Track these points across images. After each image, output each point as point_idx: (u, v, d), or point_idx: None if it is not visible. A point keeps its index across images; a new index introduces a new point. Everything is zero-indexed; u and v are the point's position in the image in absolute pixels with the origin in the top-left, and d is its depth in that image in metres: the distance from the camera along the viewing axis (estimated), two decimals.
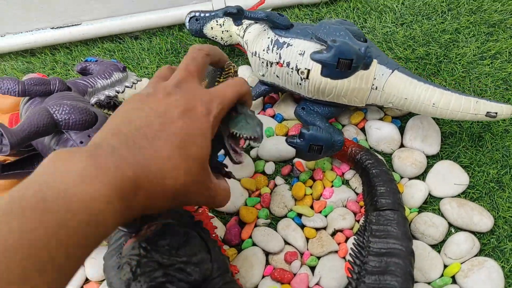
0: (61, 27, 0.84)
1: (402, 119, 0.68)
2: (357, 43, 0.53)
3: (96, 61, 0.66)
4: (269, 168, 0.65)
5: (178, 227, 0.46)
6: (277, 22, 0.63)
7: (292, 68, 0.62)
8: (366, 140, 0.67)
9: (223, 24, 0.75)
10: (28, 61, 0.85)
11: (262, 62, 0.65)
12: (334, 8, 0.86)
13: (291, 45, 0.62)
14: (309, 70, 0.60)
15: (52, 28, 0.84)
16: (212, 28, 0.75)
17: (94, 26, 0.84)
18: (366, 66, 0.53)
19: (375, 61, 0.60)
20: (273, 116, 0.71)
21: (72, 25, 0.84)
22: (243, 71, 0.77)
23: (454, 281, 0.54)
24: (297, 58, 0.61)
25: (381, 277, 0.47)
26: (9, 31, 0.84)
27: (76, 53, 0.85)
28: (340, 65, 0.50)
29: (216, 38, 0.77)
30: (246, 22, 0.72)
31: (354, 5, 0.85)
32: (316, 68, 0.60)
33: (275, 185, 0.64)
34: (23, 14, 0.82)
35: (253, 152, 0.67)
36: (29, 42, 0.84)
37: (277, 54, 0.63)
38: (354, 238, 0.54)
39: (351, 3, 0.86)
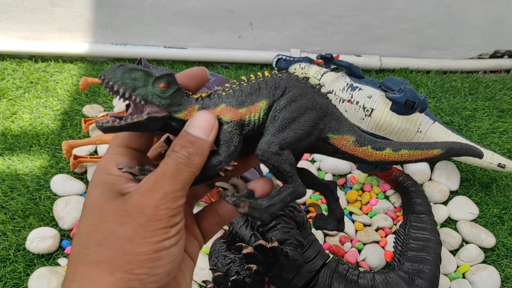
0: (170, 47, 1.06)
1: (430, 162, 0.89)
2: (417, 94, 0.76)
3: (212, 74, 0.88)
4: (328, 178, 0.84)
5: None
6: (354, 71, 0.85)
7: (360, 106, 0.83)
8: (403, 172, 0.87)
9: (303, 68, 0.97)
10: None
11: (336, 98, 0.87)
12: (382, 76, 1.10)
13: (362, 89, 0.84)
14: (373, 109, 0.82)
15: (164, 47, 1.06)
16: (295, 69, 0.98)
17: (196, 52, 1.06)
18: (422, 110, 0.75)
19: None
20: None
21: (180, 48, 1.06)
22: None
23: (463, 277, 0.72)
24: (365, 99, 0.83)
25: (419, 252, 0.66)
26: (128, 42, 1.06)
27: (177, 70, 1.07)
28: (406, 104, 0.72)
29: None
30: (322, 69, 0.95)
31: (398, 75, 1.10)
32: (379, 108, 0.81)
33: None
34: (141, 31, 1.05)
35: (316, 165, 0.87)
36: (142, 54, 1.05)
37: (350, 94, 0.85)
38: (397, 230, 0.72)
39: (395, 74, 1.10)
